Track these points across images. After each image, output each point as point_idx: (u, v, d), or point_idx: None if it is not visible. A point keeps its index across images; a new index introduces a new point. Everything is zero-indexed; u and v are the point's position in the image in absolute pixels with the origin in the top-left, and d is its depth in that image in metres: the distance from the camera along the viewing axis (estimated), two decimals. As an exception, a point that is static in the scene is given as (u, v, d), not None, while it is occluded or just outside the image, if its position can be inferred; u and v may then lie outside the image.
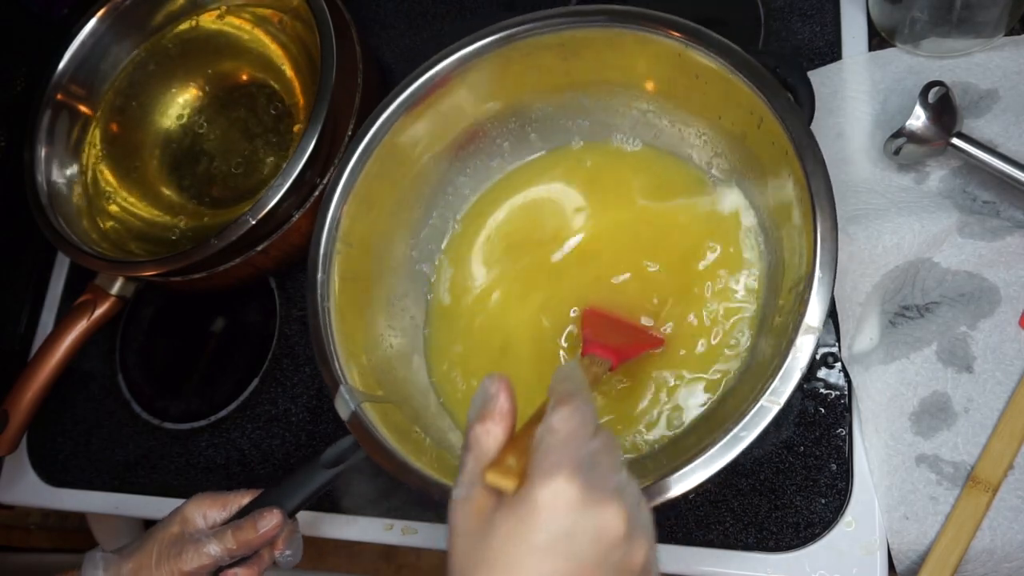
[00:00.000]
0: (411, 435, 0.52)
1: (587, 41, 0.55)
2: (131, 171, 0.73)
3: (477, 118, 0.60)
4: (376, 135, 0.56)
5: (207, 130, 0.75)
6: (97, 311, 0.64)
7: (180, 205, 0.73)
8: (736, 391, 0.51)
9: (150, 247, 0.69)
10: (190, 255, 0.60)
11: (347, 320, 0.55)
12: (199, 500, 0.52)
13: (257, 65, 0.74)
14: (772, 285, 0.53)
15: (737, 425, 0.43)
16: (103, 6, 0.70)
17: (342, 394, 0.51)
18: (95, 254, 0.64)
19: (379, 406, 0.52)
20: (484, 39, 0.55)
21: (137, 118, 0.75)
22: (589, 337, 0.53)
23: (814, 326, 0.44)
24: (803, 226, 0.47)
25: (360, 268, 0.57)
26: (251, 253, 0.63)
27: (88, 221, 0.69)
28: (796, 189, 0.48)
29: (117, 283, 0.65)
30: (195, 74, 0.76)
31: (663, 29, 0.52)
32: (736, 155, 0.56)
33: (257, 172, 0.72)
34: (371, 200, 0.57)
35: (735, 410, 0.45)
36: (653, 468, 0.47)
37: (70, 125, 0.71)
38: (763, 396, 0.43)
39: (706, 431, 0.48)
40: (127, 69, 0.74)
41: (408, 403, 0.56)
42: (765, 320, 0.53)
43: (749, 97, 0.50)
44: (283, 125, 0.72)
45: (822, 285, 0.45)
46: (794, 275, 0.48)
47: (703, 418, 0.53)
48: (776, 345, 0.46)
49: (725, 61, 0.50)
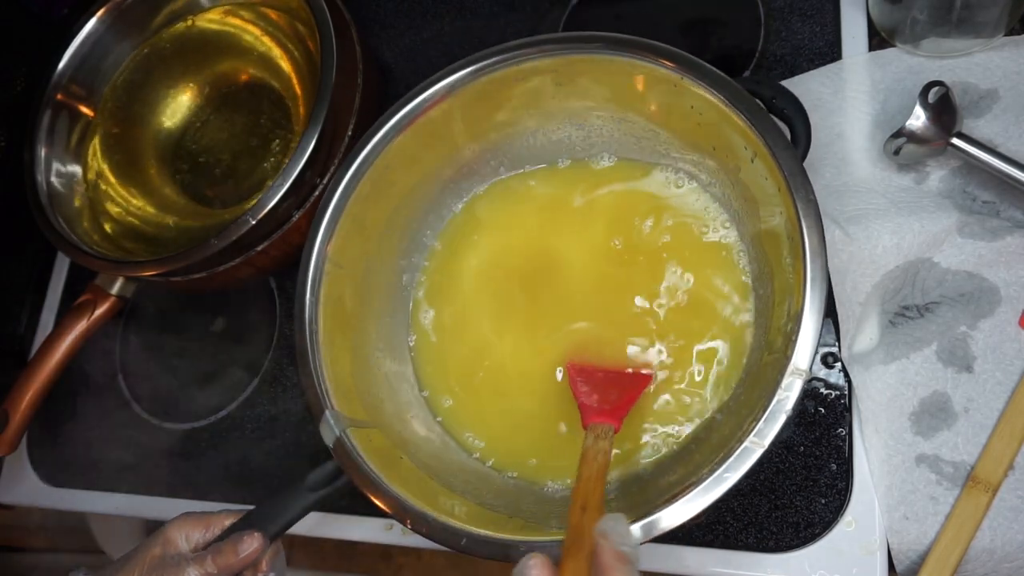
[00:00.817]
0: (395, 459, 0.52)
1: (581, 67, 0.54)
2: (131, 171, 0.73)
3: (468, 142, 0.60)
4: (368, 156, 0.56)
5: (207, 130, 0.76)
6: (97, 311, 0.64)
7: (180, 205, 0.73)
8: (721, 428, 0.51)
9: (150, 247, 0.69)
10: (190, 255, 0.60)
11: (335, 342, 0.54)
12: (182, 521, 0.51)
13: (257, 65, 0.74)
14: (762, 321, 0.53)
15: (721, 466, 0.43)
16: (103, 6, 0.70)
17: (327, 419, 0.51)
18: (95, 254, 0.64)
19: (363, 430, 0.52)
20: (478, 63, 0.55)
21: (137, 118, 0.75)
22: (584, 403, 0.52)
23: (802, 368, 0.43)
24: (793, 265, 0.47)
25: (349, 290, 0.57)
26: (251, 253, 0.63)
27: (88, 221, 0.69)
28: (787, 227, 0.47)
29: (117, 283, 0.65)
30: (195, 74, 0.76)
31: (658, 59, 0.51)
32: (728, 187, 0.55)
33: (257, 172, 0.72)
34: (362, 221, 0.57)
35: (720, 448, 0.45)
36: (640, 502, 0.47)
37: (70, 125, 0.71)
38: (748, 437, 0.43)
39: (689, 469, 0.48)
40: (127, 69, 0.74)
41: (392, 426, 0.55)
42: (753, 356, 0.53)
43: (743, 131, 0.49)
44: (283, 125, 0.72)
45: (810, 327, 0.44)
46: (783, 313, 0.48)
47: (682, 455, 0.52)
48: (763, 386, 0.46)
49: (720, 94, 0.49)
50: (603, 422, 0.50)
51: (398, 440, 0.54)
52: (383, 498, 0.48)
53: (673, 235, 0.58)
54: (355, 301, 0.57)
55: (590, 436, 0.49)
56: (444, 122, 0.57)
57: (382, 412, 0.56)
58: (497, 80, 0.55)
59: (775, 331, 0.49)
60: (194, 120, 0.76)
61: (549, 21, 0.71)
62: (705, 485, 0.43)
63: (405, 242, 0.62)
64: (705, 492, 0.43)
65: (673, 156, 0.58)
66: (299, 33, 0.70)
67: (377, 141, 0.56)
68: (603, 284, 0.58)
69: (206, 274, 0.63)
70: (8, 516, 1.01)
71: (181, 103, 0.76)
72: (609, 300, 0.57)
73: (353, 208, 0.56)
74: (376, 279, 0.59)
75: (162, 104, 0.76)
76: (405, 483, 0.50)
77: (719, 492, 0.43)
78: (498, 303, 0.60)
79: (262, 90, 0.74)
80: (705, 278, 0.56)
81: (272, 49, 0.73)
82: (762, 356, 0.50)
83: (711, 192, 0.57)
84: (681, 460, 0.52)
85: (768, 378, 0.45)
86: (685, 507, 0.43)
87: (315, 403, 0.51)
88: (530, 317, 0.59)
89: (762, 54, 0.64)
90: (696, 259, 0.57)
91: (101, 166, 0.72)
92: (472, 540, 0.46)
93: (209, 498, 0.67)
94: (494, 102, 0.57)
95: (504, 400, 0.58)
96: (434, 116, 0.56)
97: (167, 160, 0.75)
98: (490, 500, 0.52)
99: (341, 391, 0.53)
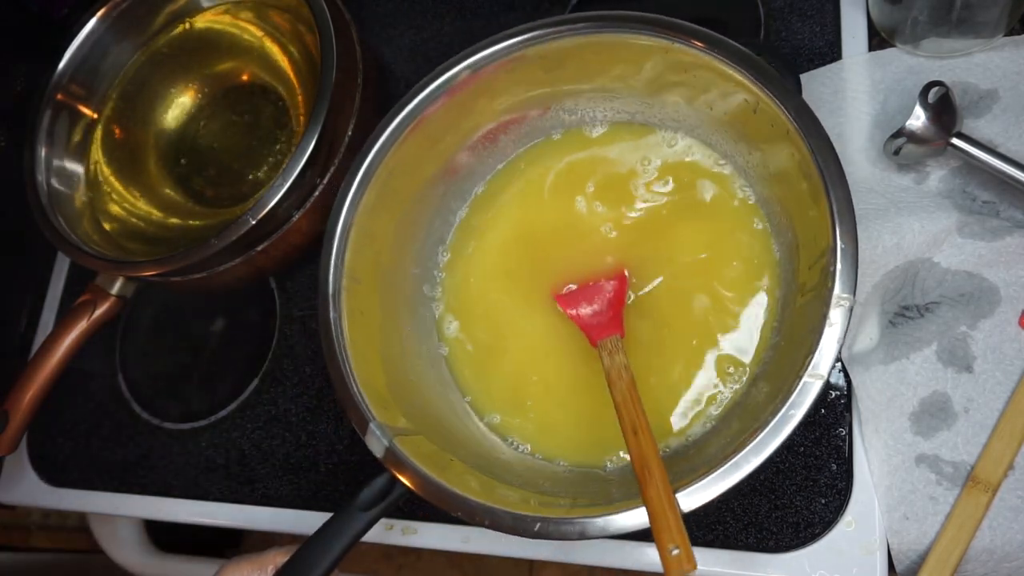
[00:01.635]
0: (446, 462, 0.51)
1: (572, 50, 0.55)
2: (133, 171, 0.73)
3: (464, 141, 0.60)
4: (370, 166, 0.55)
5: (208, 130, 0.76)
6: (97, 311, 0.64)
7: (181, 205, 0.73)
8: (770, 373, 0.51)
9: (151, 247, 0.69)
10: (190, 255, 0.60)
11: (364, 356, 0.53)
12: (237, 565, 0.50)
13: (257, 65, 0.74)
14: (788, 266, 0.53)
15: (785, 403, 0.43)
16: (103, 6, 0.70)
17: (372, 431, 0.49)
18: (95, 254, 0.64)
19: (408, 438, 0.50)
20: (477, 54, 0.55)
21: (138, 118, 0.75)
22: (586, 323, 0.53)
23: (846, 296, 0.43)
24: (815, 203, 0.47)
25: (371, 303, 0.56)
26: (251, 253, 0.63)
27: (89, 222, 0.69)
28: (802, 166, 0.48)
29: (117, 283, 0.65)
30: (195, 74, 0.76)
31: (648, 28, 0.52)
32: (731, 144, 0.56)
33: (257, 172, 0.72)
34: (372, 233, 0.56)
35: (777, 391, 0.45)
36: (699, 463, 0.46)
37: (70, 125, 0.71)
38: (804, 372, 0.43)
39: (749, 417, 0.48)
40: (128, 69, 0.73)
41: (436, 430, 0.54)
42: (786, 302, 0.53)
43: (742, 84, 0.50)
44: (283, 125, 0.72)
45: (846, 256, 0.44)
46: (812, 253, 0.48)
47: (735, 404, 0.53)
48: (806, 325, 0.46)
49: (714, 52, 0.50)
50: (608, 334, 0.52)
51: (444, 444, 0.53)
52: (448, 501, 0.47)
53: (680, 194, 0.58)
54: (379, 313, 0.57)
55: (604, 355, 0.51)
56: (441, 122, 0.57)
57: (425, 419, 0.55)
58: (500, 68, 0.56)
59: (805, 272, 0.49)
60: (195, 120, 0.76)
61: (549, 21, 0.71)
62: (771, 427, 0.43)
63: (416, 252, 0.61)
64: (773, 433, 0.43)
65: (671, 123, 0.59)
66: (299, 32, 0.70)
67: (379, 147, 0.56)
68: (625, 256, 0.58)
69: (206, 274, 0.63)
70: (8, 516, 1.01)
71: (182, 103, 0.76)
72: (634, 273, 0.58)
73: (361, 219, 0.55)
74: (396, 290, 0.59)
75: (163, 104, 0.76)
76: (463, 483, 0.48)
77: (788, 430, 0.43)
78: (523, 302, 0.60)
79: (262, 90, 0.74)
80: (722, 232, 0.57)
81: (272, 49, 0.73)
82: (796, 299, 0.50)
83: (712, 146, 0.58)
84: (734, 418, 0.52)
85: (811, 315, 0.45)
86: (756, 452, 0.43)
87: (358, 417, 0.50)
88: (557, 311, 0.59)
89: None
90: (709, 214, 0.57)
91: (102, 166, 0.72)
92: (546, 523, 0.45)
93: (209, 498, 0.67)
94: (497, 90, 0.57)
95: (550, 402, 0.58)
96: (432, 116, 0.56)
97: (168, 160, 0.75)
98: (548, 487, 0.52)
99: (379, 403, 0.51)
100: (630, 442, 0.45)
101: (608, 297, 0.55)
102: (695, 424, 0.54)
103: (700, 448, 0.52)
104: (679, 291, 0.57)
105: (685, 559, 0.39)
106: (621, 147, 0.61)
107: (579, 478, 0.55)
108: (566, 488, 0.52)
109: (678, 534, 0.40)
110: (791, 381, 0.44)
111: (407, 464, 0.48)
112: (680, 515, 0.41)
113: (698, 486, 0.43)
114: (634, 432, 0.45)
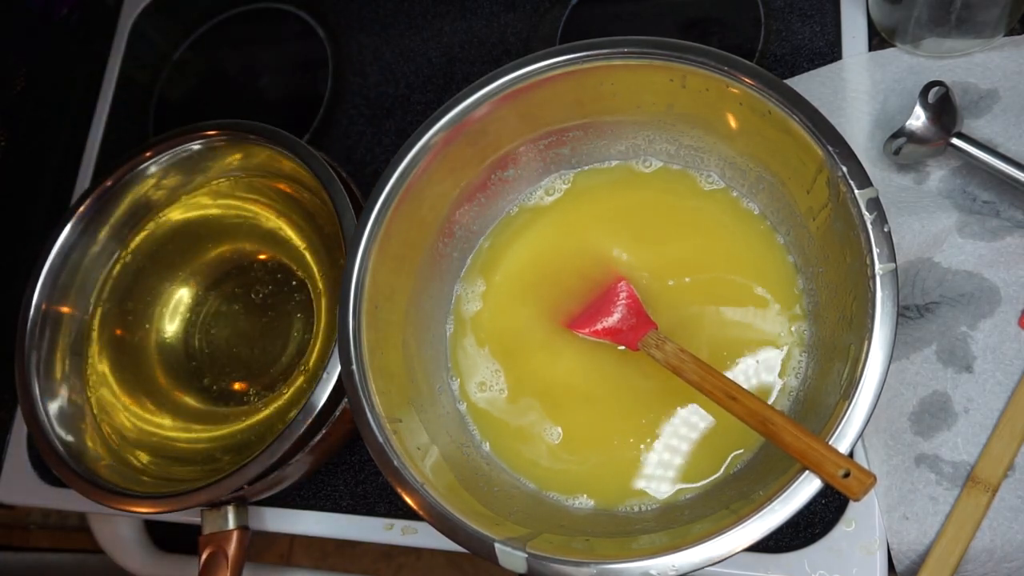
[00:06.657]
0: (567, 544, 0.46)
1: (613, 73, 0.52)
2: (138, 384, 0.67)
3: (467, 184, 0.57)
4: (372, 229, 0.51)
5: (216, 321, 0.69)
6: (231, 553, 0.58)
7: (203, 411, 0.67)
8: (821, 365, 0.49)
9: (189, 468, 0.62)
10: (246, 471, 0.54)
11: (445, 482, 0.48)
12: None
13: (251, 239, 0.69)
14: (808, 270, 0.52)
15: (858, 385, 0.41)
16: (73, 213, 0.64)
17: (502, 551, 0.43)
18: (150, 496, 0.57)
19: (535, 540, 0.45)
20: (496, 80, 0.52)
21: (135, 324, 0.68)
22: (614, 331, 0.52)
23: (884, 263, 0.42)
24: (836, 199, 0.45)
25: (396, 363, 0.52)
26: (304, 450, 0.56)
27: (114, 461, 0.62)
28: (832, 174, 0.46)
29: (230, 516, 0.58)
30: (189, 264, 0.69)
31: (732, 73, 0.49)
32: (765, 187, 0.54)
33: (281, 349, 0.66)
34: (378, 305, 0.52)
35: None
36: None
37: (65, 345, 0.64)
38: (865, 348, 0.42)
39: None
40: (112, 273, 0.67)
41: (535, 518, 0.50)
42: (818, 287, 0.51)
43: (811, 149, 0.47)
44: (297, 288, 0.66)
45: (880, 226, 0.43)
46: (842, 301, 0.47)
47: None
48: (852, 293, 0.45)
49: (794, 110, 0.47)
50: (644, 332, 0.50)
51: (541, 525, 0.48)
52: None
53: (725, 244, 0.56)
54: (426, 435, 0.52)
55: (653, 351, 0.49)
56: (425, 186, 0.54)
57: (528, 517, 0.50)
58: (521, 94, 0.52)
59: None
60: (199, 313, 0.69)
61: (549, 21, 0.71)
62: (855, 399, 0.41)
63: (440, 296, 0.58)
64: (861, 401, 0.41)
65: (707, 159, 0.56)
66: (289, 191, 0.65)
67: (380, 206, 0.51)
68: (658, 296, 0.55)
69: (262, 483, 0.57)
70: (8, 516, 1.01)
71: (180, 298, 0.70)
72: (672, 314, 0.54)
73: (371, 290, 0.51)
74: (424, 342, 0.56)
75: (160, 303, 0.69)
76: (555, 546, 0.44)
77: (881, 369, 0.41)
78: (555, 364, 0.56)
79: (263, 264, 0.68)
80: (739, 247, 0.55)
81: (264, 216, 0.67)
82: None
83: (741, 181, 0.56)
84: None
85: (858, 283, 0.44)
86: (854, 421, 0.41)
87: (479, 547, 0.44)
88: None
89: (762, 54, 0.64)
90: (729, 234, 0.55)
91: (113, 388, 0.65)
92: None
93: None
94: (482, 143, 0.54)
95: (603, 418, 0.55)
96: (423, 180, 0.53)
97: (178, 364, 0.68)
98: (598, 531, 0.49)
99: (484, 521, 0.46)
100: (734, 409, 0.43)
101: (623, 301, 0.54)
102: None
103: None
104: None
105: (861, 475, 0.38)
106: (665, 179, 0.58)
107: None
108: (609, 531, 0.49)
109: (837, 457, 0.39)
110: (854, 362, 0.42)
111: (552, 564, 0.43)
112: (826, 441, 0.40)
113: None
114: (731, 398, 0.43)
